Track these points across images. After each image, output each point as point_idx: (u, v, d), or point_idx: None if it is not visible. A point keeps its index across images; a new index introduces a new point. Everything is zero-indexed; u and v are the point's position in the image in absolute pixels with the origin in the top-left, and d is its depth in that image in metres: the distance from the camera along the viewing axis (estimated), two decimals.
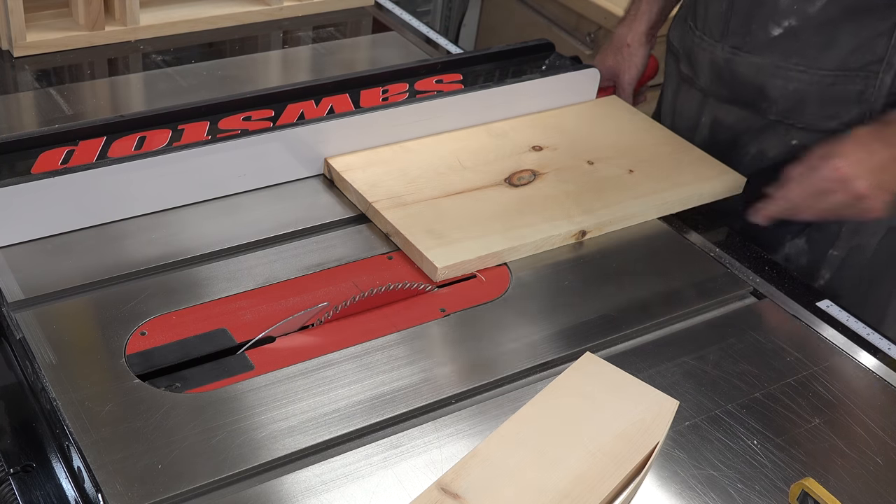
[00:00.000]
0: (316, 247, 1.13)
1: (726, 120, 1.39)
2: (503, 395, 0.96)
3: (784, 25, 1.28)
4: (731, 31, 1.33)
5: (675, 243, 1.20)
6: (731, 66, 1.34)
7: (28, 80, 1.45)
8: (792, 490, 0.87)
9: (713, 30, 1.36)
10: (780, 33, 1.28)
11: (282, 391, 0.92)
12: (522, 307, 1.07)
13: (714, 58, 1.37)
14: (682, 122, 1.44)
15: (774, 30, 1.29)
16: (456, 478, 0.81)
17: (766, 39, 1.30)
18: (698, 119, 1.43)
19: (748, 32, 1.32)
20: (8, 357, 0.97)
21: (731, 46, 1.34)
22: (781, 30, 1.28)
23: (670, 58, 1.51)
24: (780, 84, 1.30)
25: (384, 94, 1.34)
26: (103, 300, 1.02)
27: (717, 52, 1.36)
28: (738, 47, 1.33)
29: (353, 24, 1.72)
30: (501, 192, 1.20)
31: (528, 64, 1.46)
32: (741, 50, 1.33)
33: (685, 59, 1.44)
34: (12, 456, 0.87)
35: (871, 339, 1.09)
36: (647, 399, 0.88)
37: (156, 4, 1.62)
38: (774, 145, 1.35)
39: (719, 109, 1.40)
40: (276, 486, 0.84)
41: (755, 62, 1.31)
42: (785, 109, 1.32)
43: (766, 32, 1.29)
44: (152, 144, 1.18)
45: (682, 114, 1.46)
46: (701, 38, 1.39)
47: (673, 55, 1.49)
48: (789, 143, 1.34)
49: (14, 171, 1.12)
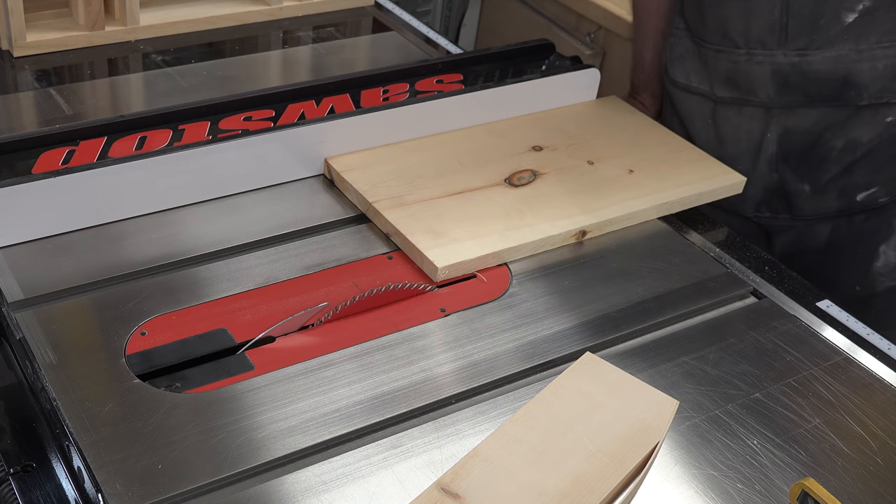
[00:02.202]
0: (316, 247, 1.13)
1: (801, 125, 1.35)
2: (503, 395, 0.96)
3: (858, 9, 1.26)
4: (791, 34, 1.30)
5: (675, 243, 1.20)
6: (801, 69, 1.31)
7: (28, 80, 1.45)
8: (792, 490, 0.87)
9: (766, 40, 1.32)
10: (854, 18, 1.26)
11: (282, 391, 0.92)
12: (522, 307, 1.07)
13: (776, 68, 1.32)
14: (736, 147, 1.38)
15: (848, 16, 1.26)
16: (456, 478, 0.81)
17: (840, 29, 1.27)
18: (762, 136, 1.37)
19: (815, 30, 1.28)
20: (8, 357, 0.98)
21: (796, 49, 1.30)
22: (856, 14, 1.26)
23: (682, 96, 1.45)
24: (868, 67, 1.28)
25: (384, 94, 1.34)
26: (103, 300, 1.02)
27: (780, 59, 1.31)
28: (804, 48, 1.29)
29: (353, 24, 1.72)
30: (501, 192, 1.20)
31: (528, 64, 1.46)
32: (809, 49, 1.29)
33: (724, 82, 1.39)
34: (12, 456, 0.87)
35: (871, 339, 1.09)
36: (647, 399, 0.88)
37: (156, 4, 1.62)
38: (867, 131, 1.33)
39: (790, 117, 1.35)
40: (276, 486, 0.84)
41: (830, 56, 1.28)
42: (879, 90, 1.30)
43: (840, 22, 1.27)
44: (153, 144, 1.18)
45: (737, 138, 1.40)
46: (749, 53, 1.34)
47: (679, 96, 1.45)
48: (883, 122, 1.32)
49: (14, 171, 1.12)
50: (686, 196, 1.24)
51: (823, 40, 1.28)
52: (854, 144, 1.34)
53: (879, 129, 1.32)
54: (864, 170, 1.35)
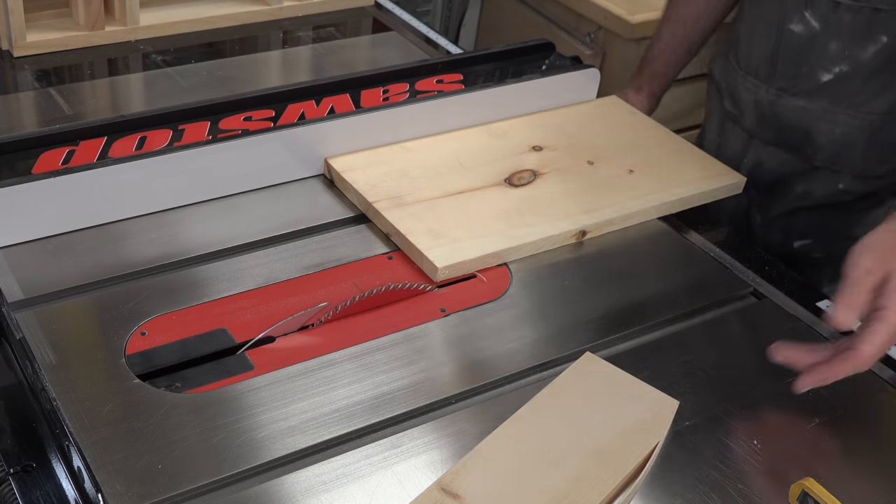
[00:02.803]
0: (316, 247, 1.13)
1: (770, 162, 1.37)
2: (503, 395, 0.96)
3: (834, 72, 1.25)
4: (778, 73, 1.30)
5: (675, 243, 1.20)
6: (776, 109, 1.32)
7: (28, 80, 1.45)
8: (792, 490, 0.87)
9: (758, 70, 1.33)
10: (829, 79, 1.25)
11: (282, 391, 0.92)
12: (522, 307, 1.07)
13: (759, 98, 1.34)
14: (725, 160, 1.37)
15: (824, 76, 1.25)
16: (456, 478, 0.81)
17: (815, 84, 1.27)
18: (741, 158, 1.40)
19: (796, 76, 1.28)
20: (8, 357, 0.97)
21: (777, 88, 1.31)
22: (831, 76, 1.25)
23: (713, 92, 1.47)
24: (827, 128, 1.28)
25: (385, 94, 1.34)
26: (103, 300, 1.02)
27: (762, 93, 1.33)
28: (784, 90, 1.30)
29: (353, 24, 1.72)
30: (501, 192, 1.20)
31: (528, 64, 1.46)
32: (787, 92, 1.30)
33: (728, 96, 1.41)
34: (12, 456, 0.87)
35: None
36: (647, 399, 0.88)
37: (156, 4, 1.62)
38: (821, 188, 1.33)
39: (764, 151, 1.37)
40: (276, 486, 0.84)
41: (801, 105, 1.29)
42: (831, 155, 1.30)
43: (816, 78, 1.26)
44: (153, 144, 1.18)
45: (726, 152, 1.43)
46: (745, 77, 1.36)
47: (716, 89, 1.46)
48: (836, 187, 1.32)
49: (14, 171, 1.12)
50: (686, 196, 1.24)
51: (800, 89, 1.29)
52: (808, 194, 1.36)
53: (832, 191, 1.33)
54: (806, 220, 1.37)
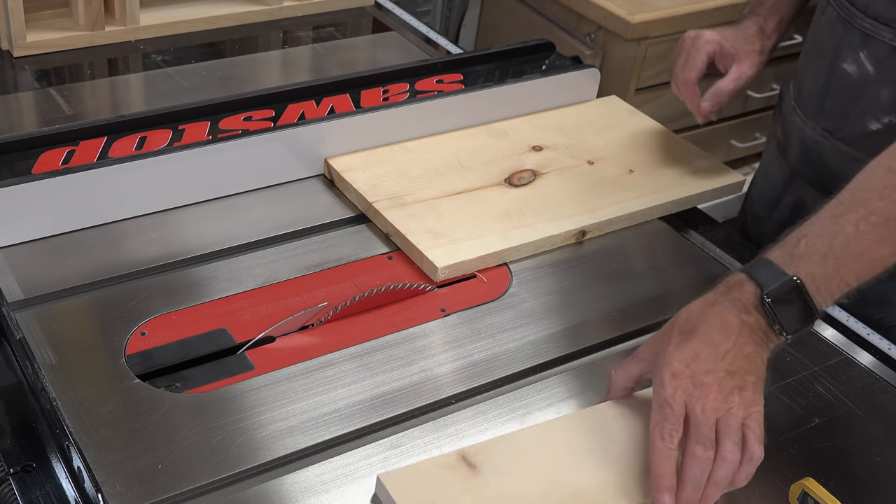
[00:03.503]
0: (316, 247, 1.13)
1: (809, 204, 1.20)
2: (503, 395, 0.96)
3: (884, 121, 1.14)
4: (826, 113, 1.20)
5: (675, 243, 1.20)
6: (820, 150, 1.22)
7: (28, 80, 1.45)
8: (792, 490, 0.87)
9: (807, 106, 1.23)
10: (878, 128, 1.15)
11: (282, 391, 0.92)
12: (522, 307, 1.06)
13: (804, 136, 1.24)
14: (767, 192, 1.32)
15: (873, 124, 1.15)
16: (480, 451, 0.83)
17: (863, 132, 1.16)
18: (782, 195, 1.31)
19: (844, 119, 1.18)
20: (8, 357, 0.97)
21: (823, 128, 1.21)
22: (881, 125, 1.15)
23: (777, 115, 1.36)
24: None
25: (385, 94, 1.34)
26: (103, 300, 1.02)
27: (808, 130, 1.23)
28: (829, 131, 1.20)
29: (353, 24, 1.72)
30: (501, 192, 1.20)
31: (528, 64, 1.46)
32: (833, 135, 1.20)
33: (780, 125, 1.32)
34: (12, 456, 0.87)
35: (871, 339, 1.09)
36: None
37: (156, 4, 1.61)
38: None
39: (805, 192, 1.27)
40: (276, 486, 0.84)
41: (846, 151, 1.18)
42: None
43: (864, 125, 1.16)
44: (153, 144, 1.18)
45: (769, 184, 1.34)
46: (794, 109, 1.26)
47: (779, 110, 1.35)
48: None
49: (14, 171, 1.11)
50: (686, 196, 1.24)
51: (846, 133, 1.19)
52: None
53: None
54: None
